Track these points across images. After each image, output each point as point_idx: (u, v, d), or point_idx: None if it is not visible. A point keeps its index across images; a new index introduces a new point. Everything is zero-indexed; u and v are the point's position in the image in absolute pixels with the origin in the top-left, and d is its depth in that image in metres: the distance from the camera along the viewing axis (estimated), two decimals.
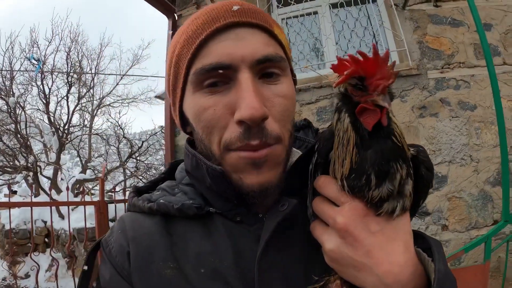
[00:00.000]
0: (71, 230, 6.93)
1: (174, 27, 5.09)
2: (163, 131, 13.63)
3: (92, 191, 9.18)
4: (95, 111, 13.54)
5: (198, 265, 0.66)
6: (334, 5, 4.39)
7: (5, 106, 11.03)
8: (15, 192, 11.27)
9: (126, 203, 0.83)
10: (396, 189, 0.54)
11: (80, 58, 12.82)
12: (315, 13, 4.44)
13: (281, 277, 0.64)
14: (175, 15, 5.20)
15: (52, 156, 11.25)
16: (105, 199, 4.80)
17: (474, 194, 3.51)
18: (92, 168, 13.11)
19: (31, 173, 10.35)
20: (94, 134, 13.49)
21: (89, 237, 5.51)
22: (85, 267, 0.76)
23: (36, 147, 11.87)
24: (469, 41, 3.87)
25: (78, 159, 14.39)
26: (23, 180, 10.97)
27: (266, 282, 0.63)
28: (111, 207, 4.71)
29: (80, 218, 4.54)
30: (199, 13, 0.69)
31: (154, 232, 0.70)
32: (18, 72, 11.57)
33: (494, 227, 2.54)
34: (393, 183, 0.53)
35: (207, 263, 0.66)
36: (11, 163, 11.17)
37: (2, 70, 11.33)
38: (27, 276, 7.70)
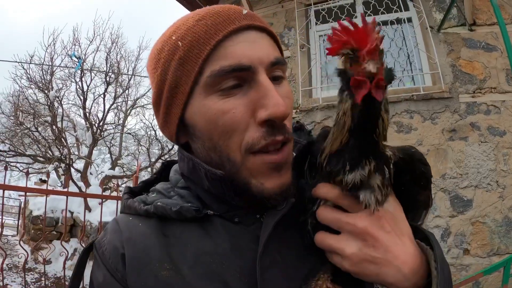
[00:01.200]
0: (97, 223, 7.17)
1: None
2: None
3: (120, 188, 9.46)
4: (129, 111, 14.00)
5: (196, 266, 0.65)
6: None
7: (44, 99, 11.52)
8: (45, 181, 11.70)
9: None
10: (366, 179, 0.57)
11: (118, 59, 13.33)
12: None
13: (282, 275, 0.64)
14: None
15: (84, 151, 11.65)
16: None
17: (498, 220, 3.50)
18: (121, 165, 13.51)
19: (62, 165, 10.73)
20: (126, 133, 13.91)
21: None
22: (77, 269, 0.76)
23: (70, 140, 12.31)
24: (502, 66, 3.87)
25: (105, 155, 14.84)
26: (54, 171, 11.38)
27: (269, 279, 0.63)
28: None
29: (106, 213, 4.68)
30: (200, 15, 0.67)
31: (149, 233, 0.69)
32: (59, 67, 12.12)
33: None
34: (364, 171, 0.57)
35: (205, 264, 0.65)
36: (44, 153, 11.63)
37: (43, 64, 11.86)
38: (48, 262, 8.00)
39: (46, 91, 11.33)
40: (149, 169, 13.45)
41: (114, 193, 6.52)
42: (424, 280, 0.58)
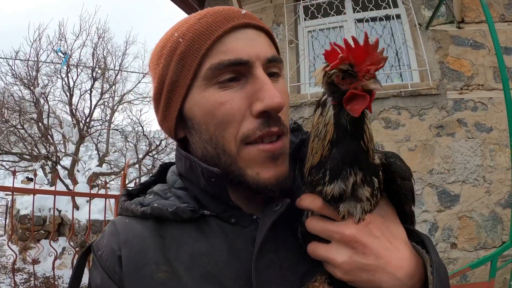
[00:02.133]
0: (86, 221, 7.09)
1: None
2: None
3: (108, 185, 9.40)
4: (115, 107, 13.87)
5: (192, 267, 0.65)
6: (359, 20, 4.50)
7: (30, 96, 11.35)
8: (31, 179, 11.54)
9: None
10: (349, 191, 0.57)
11: (105, 54, 13.18)
12: (341, 27, 4.55)
13: (278, 277, 0.65)
14: None
15: (71, 148, 11.52)
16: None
17: (485, 214, 3.57)
18: (108, 162, 13.39)
19: (49, 162, 10.60)
20: (113, 130, 13.79)
21: (101, 230, 5.64)
22: (74, 271, 0.76)
23: (56, 137, 12.17)
24: (489, 64, 3.94)
25: (92, 152, 14.70)
26: (40, 169, 11.24)
27: (264, 281, 0.63)
28: None
29: (94, 211, 4.64)
30: (201, 14, 0.70)
31: (146, 235, 0.69)
32: (44, 63, 11.93)
33: (501, 246, 2.61)
34: (345, 183, 0.56)
35: (202, 265, 0.65)
36: (30, 151, 11.48)
37: (28, 60, 11.67)
38: (36, 262, 7.91)
39: (32, 88, 11.17)
40: (136, 166, 13.36)
41: (102, 191, 6.47)
42: (422, 284, 0.59)
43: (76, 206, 8.46)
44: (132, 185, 10.39)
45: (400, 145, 3.83)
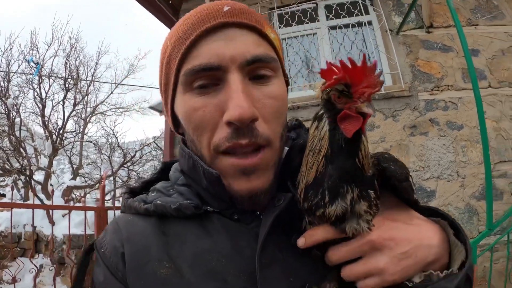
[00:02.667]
0: (62, 236, 6.89)
1: None
2: (156, 142, 13.78)
3: (83, 199, 9.24)
4: (88, 118, 13.64)
5: (195, 264, 0.64)
6: (332, 27, 4.66)
7: (1, 107, 11.03)
8: (3, 195, 11.19)
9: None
10: (349, 208, 0.56)
11: (77, 64, 13.00)
12: (314, 34, 4.69)
13: (282, 273, 0.63)
14: None
15: (43, 161, 11.25)
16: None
17: (461, 208, 3.73)
18: (82, 175, 13.13)
19: (22, 177, 10.32)
20: (86, 141, 13.55)
21: (79, 244, 5.50)
22: (78, 270, 0.76)
23: (29, 150, 11.87)
24: (458, 65, 4.15)
25: (65, 166, 14.38)
26: (12, 184, 10.92)
27: (268, 277, 0.62)
28: (110, 213, 4.81)
29: (71, 225, 4.53)
30: (190, 14, 0.69)
31: (149, 232, 0.69)
32: (15, 73, 11.66)
33: (479, 235, 2.75)
34: (345, 201, 0.56)
35: (205, 262, 0.64)
36: (2, 165, 11.15)
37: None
38: (14, 280, 7.63)
39: (3, 99, 10.87)
40: (111, 178, 13.16)
41: (79, 204, 6.34)
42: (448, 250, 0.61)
43: (51, 222, 8.28)
44: (108, 197, 10.21)
45: (376, 145, 3.96)
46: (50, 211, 7.17)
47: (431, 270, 0.58)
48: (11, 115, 10.75)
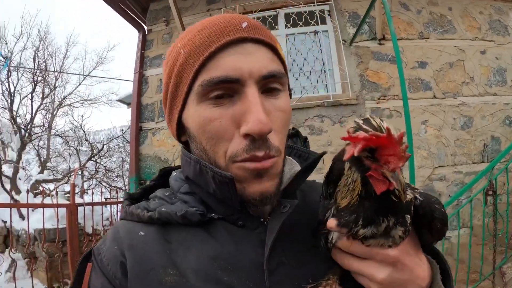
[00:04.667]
0: (32, 231, 6.91)
1: (143, 42, 5.49)
2: (124, 135, 13.77)
3: (52, 193, 9.20)
4: (55, 111, 13.55)
5: (200, 270, 0.64)
6: (291, 34, 4.91)
7: None
8: None
9: (121, 210, 0.76)
10: (381, 232, 0.57)
11: (46, 56, 12.90)
12: None
13: (289, 277, 0.64)
14: (145, 29, 5.61)
15: (11, 154, 11.14)
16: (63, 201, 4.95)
17: None
18: (50, 168, 13.02)
19: None
20: (55, 135, 13.44)
21: (50, 238, 5.62)
22: (75, 278, 0.73)
23: None
24: (405, 76, 4.34)
25: (33, 159, 14.21)
26: None
27: (274, 282, 0.63)
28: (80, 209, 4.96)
29: (41, 219, 4.64)
30: (204, 25, 0.69)
31: (151, 239, 0.68)
32: None
33: None
34: (378, 228, 0.57)
35: (210, 268, 0.64)
36: None
37: None
38: None
39: None
40: (79, 171, 13.08)
41: (47, 199, 6.36)
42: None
43: (21, 216, 8.24)
44: (76, 190, 10.18)
45: (323, 149, 4.20)
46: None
47: None
48: None
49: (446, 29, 4.89)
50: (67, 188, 11.97)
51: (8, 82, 11.49)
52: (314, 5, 4.68)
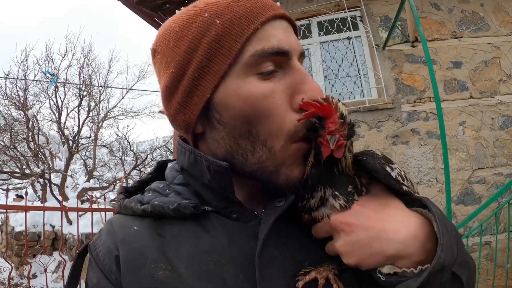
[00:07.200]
0: (80, 234, 7.33)
1: None
2: (166, 145, 14.27)
3: (98, 200, 9.68)
4: (101, 123, 14.22)
5: (193, 264, 0.63)
6: (324, 42, 5.00)
7: (20, 115, 11.61)
8: (21, 197, 11.66)
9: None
10: (317, 203, 0.62)
11: (90, 72, 13.57)
12: (306, 49, 5.01)
13: (281, 272, 0.63)
14: None
15: (59, 164, 11.77)
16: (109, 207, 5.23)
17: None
18: (96, 177, 13.67)
19: (41, 180, 10.84)
20: (100, 146, 14.12)
21: None
22: (71, 272, 0.74)
23: (47, 155, 12.45)
24: (440, 78, 4.42)
25: (79, 168, 14.94)
26: (30, 186, 11.45)
27: (268, 276, 0.61)
28: None
29: (87, 224, 4.90)
30: None
31: (144, 234, 0.67)
32: (32, 83, 12.24)
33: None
34: (315, 197, 0.62)
35: (203, 262, 0.63)
36: (22, 170, 11.71)
37: (17, 79, 11.97)
38: (34, 276, 8.11)
39: (23, 109, 11.48)
40: (124, 180, 13.63)
41: (93, 205, 6.77)
42: (435, 243, 0.56)
43: (69, 221, 8.76)
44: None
45: None
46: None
47: (401, 265, 0.56)
48: (29, 123, 11.33)
49: (479, 27, 4.78)
50: (112, 195, 12.54)
51: (56, 97, 12.22)
52: (345, 12, 4.73)
